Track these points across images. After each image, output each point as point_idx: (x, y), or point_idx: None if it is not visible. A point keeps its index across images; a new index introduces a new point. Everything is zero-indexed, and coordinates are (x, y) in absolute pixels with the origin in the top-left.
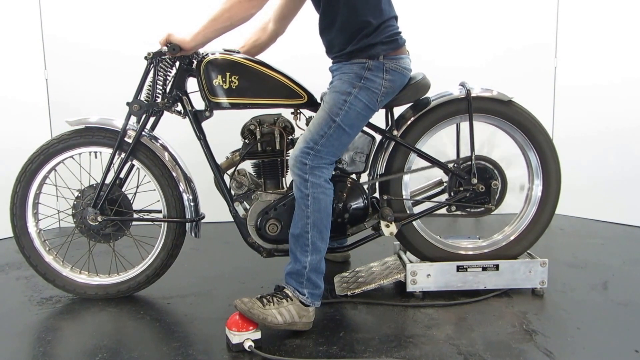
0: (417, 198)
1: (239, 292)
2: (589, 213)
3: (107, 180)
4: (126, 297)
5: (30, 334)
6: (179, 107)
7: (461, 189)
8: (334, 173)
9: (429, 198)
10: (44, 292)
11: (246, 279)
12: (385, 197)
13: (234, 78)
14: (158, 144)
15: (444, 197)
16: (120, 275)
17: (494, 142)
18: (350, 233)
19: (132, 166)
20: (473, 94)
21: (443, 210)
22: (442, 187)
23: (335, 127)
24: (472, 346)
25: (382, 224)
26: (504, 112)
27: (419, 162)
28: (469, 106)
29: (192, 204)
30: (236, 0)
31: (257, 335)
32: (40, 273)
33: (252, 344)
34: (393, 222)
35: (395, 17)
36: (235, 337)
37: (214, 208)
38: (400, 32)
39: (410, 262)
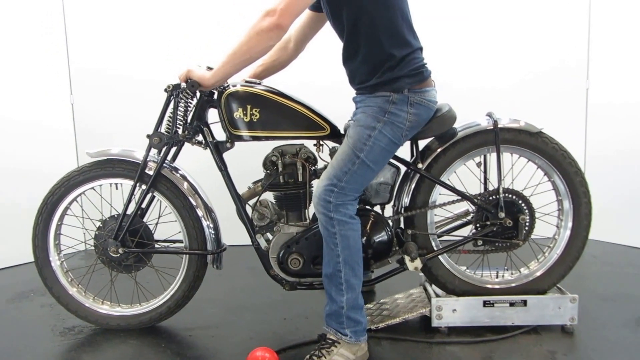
0: (443, 230)
1: (261, 323)
2: (623, 239)
3: (129, 211)
4: (148, 328)
5: None
6: (200, 137)
7: (488, 223)
8: (357, 207)
9: (455, 229)
10: (67, 321)
11: (269, 309)
12: (409, 231)
13: (255, 111)
14: (178, 175)
15: (469, 228)
16: (142, 306)
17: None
18: (374, 269)
19: (153, 197)
20: (501, 125)
21: (468, 243)
22: (469, 218)
23: (359, 163)
24: None
25: (407, 259)
26: (533, 143)
27: (444, 194)
28: (496, 138)
29: (213, 235)
30: (254, 33)
31: None
32: (63, 304)
33: None
34: (418, 257)
35: (420, 49)
36: None
37: (238, 231)
38: (425, 64)
39: (436, 295)
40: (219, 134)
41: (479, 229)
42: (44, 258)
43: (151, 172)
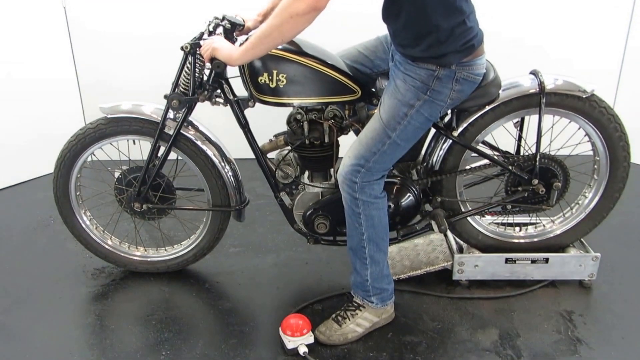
0: (470, 185)
1: (284, 268)
2: None
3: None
4: (176, 273)
5: (81, 306)
6: (218, 91)
7: (519, 188)
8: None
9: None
10: (96, 260)
11: (289, 249)
12: (438, 198)
13: (282, 76)
14: (198, 133)
15: (496, 185)
16: (168, 252)
17: None
18: (401, 235)
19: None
20: (547, 88)
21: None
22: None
23: (390, 142)
24: (517, 358)
25: (434, 225)
26: (580, 107)
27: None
28: (540, 103)
29: (236, 191)
30: (287, 16)
31: (310, 339)
32: (92, 250)
33: (306, 350)
34: (444, 220)
35: (473, 12)
36: (290, 343)
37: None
38: (477, 33)
39: (457, 242)
40: (239, 89)
41: (509, 192)
42: (69, 214)
43: (170, 132)
